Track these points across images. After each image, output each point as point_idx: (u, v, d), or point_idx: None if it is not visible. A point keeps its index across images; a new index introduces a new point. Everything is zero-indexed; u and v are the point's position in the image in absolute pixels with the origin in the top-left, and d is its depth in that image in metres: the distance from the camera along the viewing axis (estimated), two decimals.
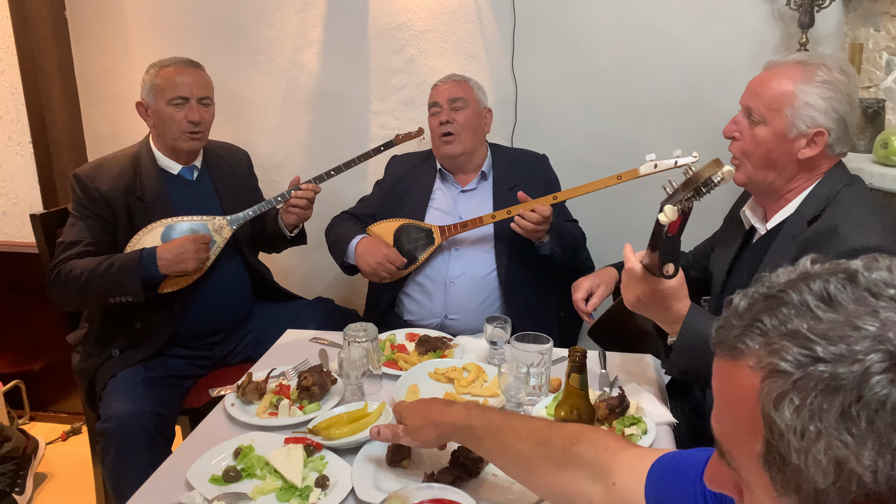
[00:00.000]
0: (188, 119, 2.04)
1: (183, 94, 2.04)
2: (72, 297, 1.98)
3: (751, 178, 1.47)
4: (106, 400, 1.93)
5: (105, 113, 2.81)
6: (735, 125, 1.48)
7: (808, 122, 1.38)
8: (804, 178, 1.44)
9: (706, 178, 1.13)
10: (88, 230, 2.01)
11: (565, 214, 2.28)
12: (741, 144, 1.47)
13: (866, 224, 1.32)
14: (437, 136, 2.18)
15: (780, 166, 1.43)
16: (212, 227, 2.08)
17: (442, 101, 2.17)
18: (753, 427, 0.58)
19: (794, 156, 1.41)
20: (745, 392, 0.59)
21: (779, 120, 1.40)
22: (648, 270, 1.30)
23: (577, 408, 1.19)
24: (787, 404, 0.55)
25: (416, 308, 2.20)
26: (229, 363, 2.23)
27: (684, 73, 2.42)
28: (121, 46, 2.73)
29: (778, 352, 0.56)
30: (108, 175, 2.05)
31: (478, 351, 1.80)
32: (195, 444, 1.41)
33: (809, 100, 1.37)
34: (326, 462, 1.32)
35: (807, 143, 1.40)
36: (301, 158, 2.74)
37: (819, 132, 1.38)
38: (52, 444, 2.76)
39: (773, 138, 1.41)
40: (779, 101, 1.39)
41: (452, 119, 2.15)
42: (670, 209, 1.15)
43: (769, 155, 1.42)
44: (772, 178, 1.45)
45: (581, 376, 1.19)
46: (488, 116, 2.28)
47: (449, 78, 2.24)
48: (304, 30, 2.62)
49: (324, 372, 1.57)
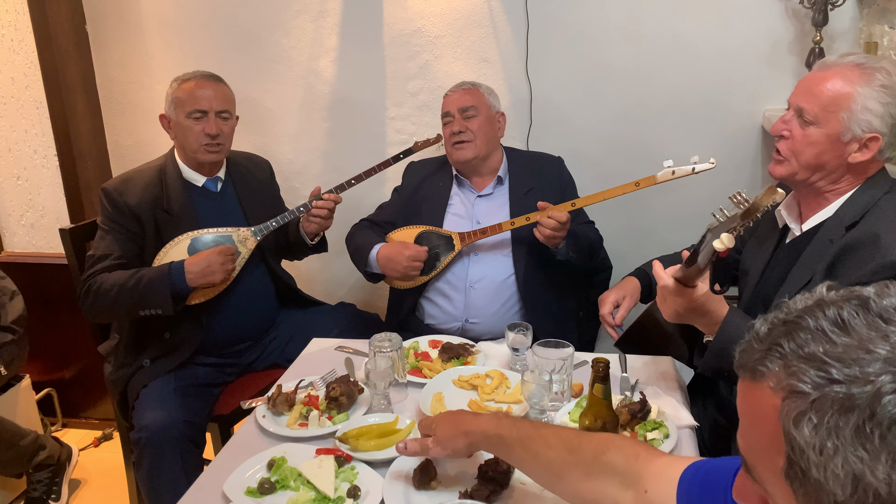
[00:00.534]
0: (206, 132, 2.07)
1: (202, 107, 2.08)
2: (103, 311, 2.04)
3: (794, 175, 1.45)
4: (139, 409, 1.98)
5: (127, 124, 2.86)
6: (784, 124, 1.45)
7: (865, 127, 1.35)
8: (849, 182, 1.43)
9: (764, 206, 1.14)
10: (117, 243, 2.06)
11: (582, 216, 2.30)
12: (790, 143, 1.44)
13: None
14: (450, 144, 2.21)
15: (828, 169, 1.41)
16: (237, 239, 2.12)
17: (453, 110, 2.20)
18: (776, 444, 0.62)
19: (844, 159, 1.39)
20: (766, 411, 0.63)
21: (834, 123, 1.37)
22: (681, 283, 1.33)
23: (601, 416, 1.23)
24: (806, 423, 0.59)
25: (438, 312, 2.23)
26: (255, 369, 2.28)
27: (698, 73, 2.42)
28: (141, 58, 2.78)
29: (796, 374, 0.60)
30: (136, 189, 2.10)
31: (500, 357, 1.83)
32: (229, 455, 1.46)
33: (868, 104, 1.34)
34: (357, 472, 1.36)
35: (859, 147, 1.37)
36: (320, 164, 2.78)
37: (873, 137, 1.36)
38: (84, 450, 2.83)
39: (825, 140, 1.38)
40: (835, 104, 1.36)
41: (465, 127, 2.18)
42: (727, 237, 1.17)
43: (820, 157, 1.40)
44: (816, 178, 1.43)
45: (605, 386, 1.22)
46: (501, 120, 2.30)
47: (459, 87, 2.26)
48: (319, 38, 2.66)
49: (351, 382, 1.61)
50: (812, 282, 1.40)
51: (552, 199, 2.08)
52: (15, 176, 2.90)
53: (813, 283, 1.40)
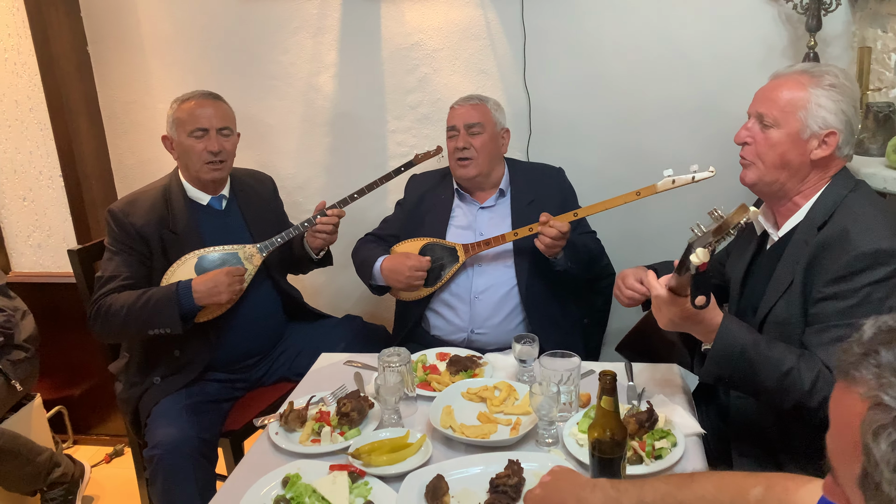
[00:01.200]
0: (208, 149, 2.10)
1: (202, 125, 2.10)
2: (113, 332, 2.07)
3: (762, 178, 1.53)
4: (151, 427, 2.01)
5: (130, 143, 2.89)
6: (747, 131, 1.55)
7: (821, 124, 1.45)
8: (814, 181, 1.50)
9: (735, 223, 1.20)
10: (125, 264, 2.09)
11: (584, 226, 2.33)
12: (754, 148, 1.53)
13: (876, 227, 1.37)
14: (454, 159, 2.24)
15: (793, 167, 1.49)
16: (243, 256, 2.15)
17: (459, 125, 2.22)
18: (854, 451, 0.62)
19: (807, 157, 1.47)
20: (851, 417, 0.62)
21: (793, 122, 1.46)
22: (675, 293, 1.35)
23: (609, 428, 1.25)
24: (885, 437, 0.58)
25: (443, 324, 2.26)
26: (265, 383, 2.30)
27: (695, 80, 2.45)
28: (142, 78, 2.80)
29: (885, 386, 0.60)
30: (142, 210, 2.12)
31: (507, 368, 1.85)
32: (244, 473, 1.48)
33: (821, 101, 1.44)
34: (371, 488, 1.39)
35: (819, 143, 1.46)
36: (322, 179, 2.81)
37: (831, 132, 1.45)
38: (96, 466, 2.85)
39: (787, 140, 1.48)
40: (792, 105, 1.47)
41: (469, 144, 2.20)
42: (702, 252, 1.21)
43: (784, 156, 1.48)
44: (784, 178, 1.50)
45: (613, 398, 1.25)
46: (505, 137, 2.32)
47: (466, 101, 2.28)
48: (318, 54, 2.68)
49: (361, 397, 1.63)
50: (793, 284, 1.46)
51: (553, 209, 2.11)
52: (21, 197, 2.93)
53: (794, 285, 1.45)
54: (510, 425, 1.57)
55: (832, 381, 1.32)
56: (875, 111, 1.84)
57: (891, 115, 1.83)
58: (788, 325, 1.46)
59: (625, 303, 1.76)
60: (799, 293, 1.45)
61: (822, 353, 1.37)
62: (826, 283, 1.38)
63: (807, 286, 1.43)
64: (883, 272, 1.33)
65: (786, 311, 1.47)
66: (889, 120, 1.83)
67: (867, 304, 1.34)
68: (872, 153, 1.84)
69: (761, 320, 1.52)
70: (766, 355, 1.36)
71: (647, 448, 1.42)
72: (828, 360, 1.35)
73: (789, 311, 1.46)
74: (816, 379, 1.34)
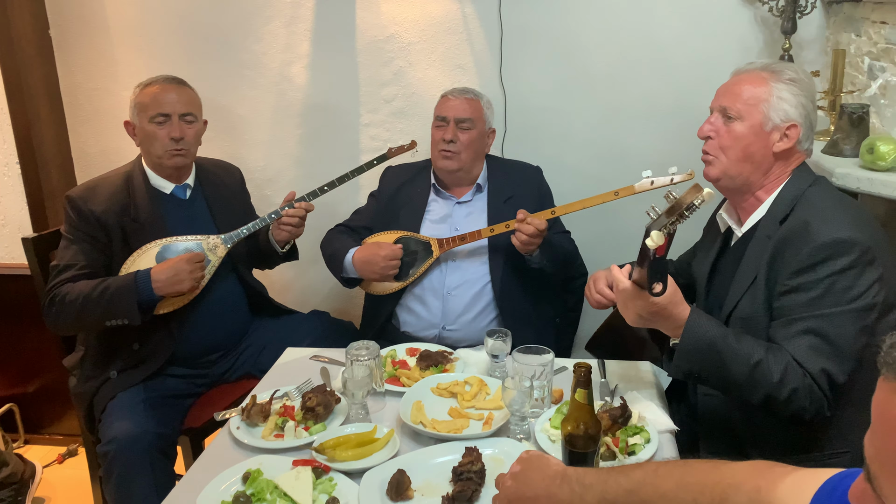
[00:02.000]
0: (170, 136, 2.03)
1: (164, 111, 2.04)
2: (69, 323, 1.97)
3: (726, 172, 1.53)
4: (106, 421, 1.92)
5: (93, 131, 2.79)
6: (710, 125, 1.55)
7: (783, 116, 1.47)
8: (777, 174, 1.51)
9: (688, 203, 1.19)
10: (83, 253, 2.00)
11: (558, 226, 2.30)
12: (718, 141, 1.53)
13: (836, 218, 1.38)
14: (437, 149, 2.20)
15: (756, 160, 1.50)
16: (206, 247, 2.07)
17: (450, 117, 2.18)
18: None
19: (769, 149, 1.49)
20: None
21: (755, 114, 1.48)
22: (639, 286, 1.33)
23: (584, 422, 1.21)
24: None
25: (414, 320, 2.21)
26: (228, 380, 2.23)
27: (674, 79, 2.45)
28: (107, 64, 2.72)
29: None
30: (102, 196, 2.04)
31: (479, 364, 1.81)
32: (203, 468, 1.41)
33: (782, 95, 1.47)
34: (335, 483, 1.33)
35: (780, 136, 1.48)
36: (293, 172, 2.74)
37: (792, 125, 1.47)
38: (48, 467, 2.73)
39: (750, 132, 1.49)
40: (755, 98, 1.49)
41: (457, 138, 2.16)
42: (657, 234, 1.20)
43: (747, 149, 1.49)
44: (748, 171, 1.51)
45: (587, 391, 1.21)
46: (491, 136, 2.30)
47: (461, 93, 2.23)
48: (292, 44, 2.63)
49: (327, 392, 1.57)
50: (757, 279, 1.46)
51: (530, 207, 2.08)
52: None
53: (758, 281, 1.45)
54: (482, 420, 1.53)
55: (800, 372, 1.32)
56: (849, 112, 1.84)
57: (864, 116, 1.84)
58: (753, 320, 1.46)
59: (595, 305, 1.74)
60: (763, 288, 1.44)
61: (789, 345, 1.35)
62: (789, 276, 1.38)
63: (770, 280, 1.43)
64: (844, 262, 1.33)
65: (750, 306, 1.47)
66: (863, 121, 1.84)
67: (831, 295, 1.34)
68: (846, 154, 1.85)
69: (727, 316, 1.52)
70: (734, 348, 1.34)
71: (620, 444, 1.40)
72: (794, 352, 1.34)
73: (754, 306, 1.46)
74: (785, 371, 1.32)
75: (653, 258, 1.23)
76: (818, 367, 1.32)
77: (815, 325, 1.34)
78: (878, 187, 1.67)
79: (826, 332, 1.33)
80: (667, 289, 1.28)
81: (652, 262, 1.24)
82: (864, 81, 2.03)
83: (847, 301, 1.33)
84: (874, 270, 1.34)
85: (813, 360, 1.33)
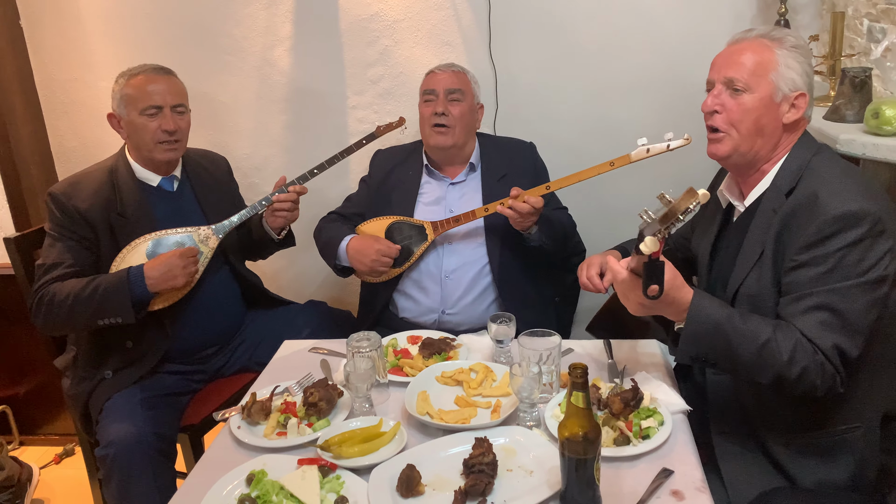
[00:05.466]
0: (163, 128, 1.97)
1: (156, 102, 1.97)
2: (59, 323, 1.92)
3: (737, 148, 1.46)
4: (104, 424, 1.88)
5: (72, 124, 2.71)
6: (716, 98, 1.47)
7: (791, 86, 1.41)
8: (784, 146, 1.46)
9: (684, 209, 1.14)
10: (69, 251, 1.94)
11: (555, 202, 2.26)
12: (726, 116, 1.46)
13: (845, 189, 1.34)
14: (429, 124, 2.13)
15: (767, 132, 1.44)
16: (197, 239, 2.02)
17: (439, 89, 2.12)
18: None
19: (779, 121, 1.43)
20: None
21: (765, 85, 1.41)
22: (637, 274, 1.29)
23: (582, 426, 1.15)
24: None
25: (413, 305, 2.16)
26: (224, 374, 2.19)
27: (665, 50, 2.39)
28: (82, 54, 2.62)
29: None
30: (86, 192, 1.97)
31: (483, 350, 1.77)
32: (205, 471, 1.37)
33: (789, 62, 1.41)
34: (343, 482, 1.29)
35: (789, 106, 1.43)
36: (280, 159, 2.67)
37: (801, 94, 1.42)
38: (45, 468, 2.70)
39: (760, 104, 1.42)
40: (762, 67, 1.41)
41: (448, 111, 2.10)
42: (651, 241, 1.16)
43: (758, 121, 1.43)
44: (759, 145, 1.45)
45: (584, 394, 1.15)
46: (480, 112, 2.24)
47: (448, 67, 2.18)
48: (273, 26, 2.54)
49: (329, 385, 1.53)
50: (763, 254, 1.41)
51: (525, 185, 2.03)
52: None
53: (765, 256, 1.41)
54: (490, 408, 1.49)
55: (811, 349, 1.29)
56: (851, 77, 1.80)
57: (866, 80, 1.79)
58: (761, 297, 1.42)
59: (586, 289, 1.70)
60: (770, 264, 1.40)
61: (798, 322, 1.32)
62: (798, 251, 1.34)
63: (778, 255, 1.39)
64: (855, 234, 1.29)
65: (757, 283, 1.43)
66: (865, 85, 1.79)
67: (841, 269, 1.30)
68: (849, 119, 1.80)
69: (732, 294, 1.48)
70: (741, 329, 1.31)
71: (634, 428, 1.36)
72: (805, 329, 1.31)
73: (761, 283, 1.42)
74: (794, 349, 1.29)
75: (648, 261, 1.20)
76: (830, 343, 1.29)
77: (826, 300, 1.30)
78: (884, 153, 1.62)
79: (837, 306, 1.30)
80: (663, 289, 1.25)
81: (647, 265, 1.21)
82: (864, 44, 1.98)
83: (858, 274, 1.30)
84: (885, 241, 1.31)
85: (824, 336, 1.29)
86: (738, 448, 1.49)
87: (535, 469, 1.30)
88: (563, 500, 1.20)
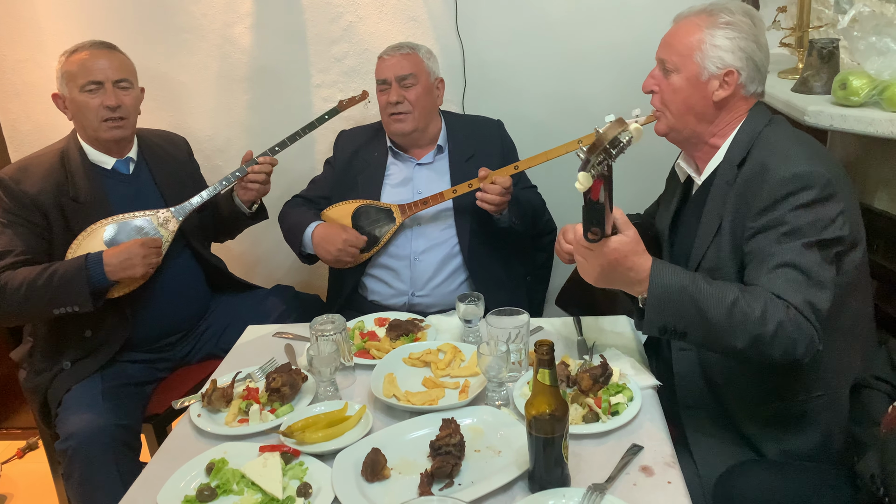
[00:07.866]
0: (104, 104, 1.90)
1: (96, 78, 1.90)
2: (12, 313, 1.84)
3: (672, 126, 1.50)
4: (63, 416, 1.82)
5: (24, 106, 2.61)
6: (652, 79, 1.52)
7: (718, 64, 1.42)
8: (725, 122, 1.48)
9: (611, 138, 1.10)
10: (19, 238, 1.86)
11: (524, 181, 2.23)
12: (660, 96, 1.50)
13: (793, 154, 1.36)
14: (387, 114, 2.08)
15: (698, 111, 1.46)
16: (157, 222, 1.95)
17: (390, 77, 2.06)
18: None
19: (709, 99, 1.45)
20: None
21: (690, 65, 1.44)
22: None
23: (549, 404, 1.12)
24: None
25: (382, 288, 2.12)
26: (189, 362, 2.14)
27: (633, 26, 2.36)
28: (33, 33, 2.52)
29: None
30: (35, 176, 1.90)
31: (451, 330, 1.74)
32: (163, 461, 1.33)
33: (716, 41, 1.42)
34: (307, 468, 1.26)
35: (719, 84, 1.44)
36: (243, 140, 2.60)
37: (729, 72, 1.43)
38: (7, 462, 2.63)
39: (687, 84, 1.45)
40: (688, 48, 1.44)
41: (402, 98, 2.05)
42: (584, 176, 1.12)
43: (687, 101, 1.46)
44: (693, 123, 1.48)
45: (550, 371, 1.12)
46: (440, 87, 2.18)
47: (396, 50, 2.11)
48: (233, 3, 2.46)
49: (293, 370, 1.49)
50: (721, 227, 1.42)
51: (494, 164, 2.00)
52: None
53: (723, 228, 1.42)
54: (458, 388, 1.46)
55: (782, 304, 1.26)
56: (819, 48, 1.78)
57: (834, 51, 1.77)
58: (721, 270, 1.42)
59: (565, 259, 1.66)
60: (728, 235, 1.41)
61: (765, 282, 1.29)
62: (753, 217, 1.35)
63: (735, 226, 1.39)
64: (806, 196, 1.30)
65: (717, 256, 1.43)
66: (833, 56, 1.77)
67: (798, 230, 1.30)
68: (817, 91, 1.78)
69: (694, 269, 1.47)
70: (706, 290, 1.27)
71: (603, 405, 1.34)
72: (773, 287, 1.28)
73: (720, 255, 1.42)
74: (766, 306, 1.25)
75: (588, 202, 1.16)
76: (800, 299, 1.26)
77: (789, 258, 1.29)
78: (851, 123, 1.61)
79: (800, 264, 1.28)
80: (604, 233, 1.21)
81: (585, 205, 1.17)
82: (831, 16, 1.96)
83: (815, 232, 1.30)
84: (835, 204, 1.32)
85: (794, 293, 1.27)
86: (706, 422, 1.48)
87: (504, 449, 1.27)
88: (531, 479, 1.18)
